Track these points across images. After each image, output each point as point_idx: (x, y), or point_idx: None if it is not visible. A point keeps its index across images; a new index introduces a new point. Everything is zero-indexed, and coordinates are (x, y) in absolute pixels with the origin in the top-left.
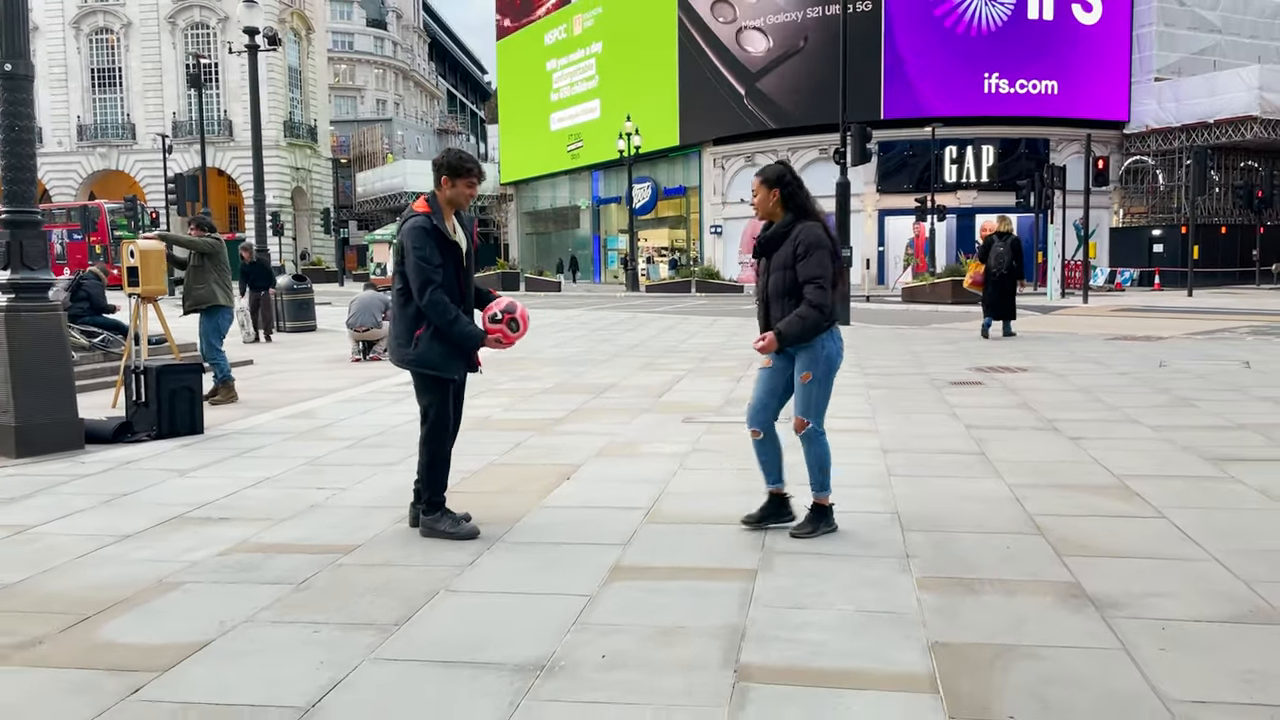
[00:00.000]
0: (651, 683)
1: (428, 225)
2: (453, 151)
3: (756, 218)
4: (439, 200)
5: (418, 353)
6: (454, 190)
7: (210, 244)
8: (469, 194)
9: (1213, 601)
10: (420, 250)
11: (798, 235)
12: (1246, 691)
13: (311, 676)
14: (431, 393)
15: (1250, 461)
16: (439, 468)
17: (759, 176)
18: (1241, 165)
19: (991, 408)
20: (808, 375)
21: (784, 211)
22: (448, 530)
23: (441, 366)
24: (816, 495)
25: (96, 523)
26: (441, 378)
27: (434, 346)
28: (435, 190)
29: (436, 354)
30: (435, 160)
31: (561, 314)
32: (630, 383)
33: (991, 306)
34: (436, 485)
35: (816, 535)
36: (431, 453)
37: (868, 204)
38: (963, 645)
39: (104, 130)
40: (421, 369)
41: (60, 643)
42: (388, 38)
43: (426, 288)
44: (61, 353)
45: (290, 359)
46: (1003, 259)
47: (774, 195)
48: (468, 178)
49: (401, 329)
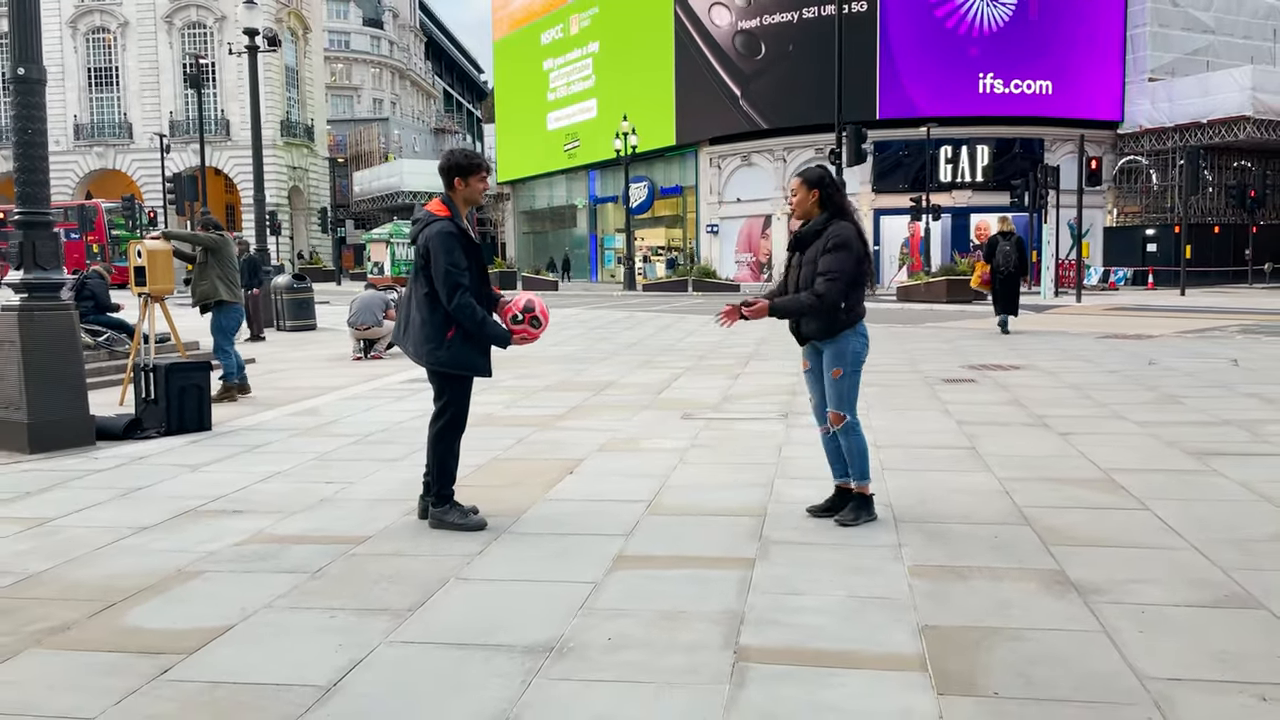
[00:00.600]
0: (655, 663)
1: (454, 229)
2: (457, 152)
3: (794, 216)
4: (455, 201)
5: (450, 354)
6: (468, 189)
7: (213, 240)
8: (482, 188)
9: (1191, 587)
10: (450, 255)
11: (830, 233)
12: (1220, 670)
13: (331, 658)
14: (456, 390)
15: (1232, 456)
16: (451, 462)
17: (800, 177)
18: (1234, 165)
19: (983, 404)
20: (838, 371)
21: (820, 210)
22: (456, 521)
23: (475, 367)
24: (858, 484)
25: (114, 516)
26: (466, 376)
27: (466, 347)
28: (449, 192)
29: (469, 354)
30: (442, 165)
31: (560, 313)
32: (629, 380)
33: (999, 302)
34: (447, 479)
35: (860, 523)
36: (446, 447)
37: (863, 203)
38: (951, 628)
39: (101, 130)
40: (456, 370)
41: (89, 628)
42: (384, 37)
43: (455, 291)
44: (73, 351)
45: (292, 357)
46: (1009, 258)
47: (813, 195)
48: (479, 174)
49: (432, 330)
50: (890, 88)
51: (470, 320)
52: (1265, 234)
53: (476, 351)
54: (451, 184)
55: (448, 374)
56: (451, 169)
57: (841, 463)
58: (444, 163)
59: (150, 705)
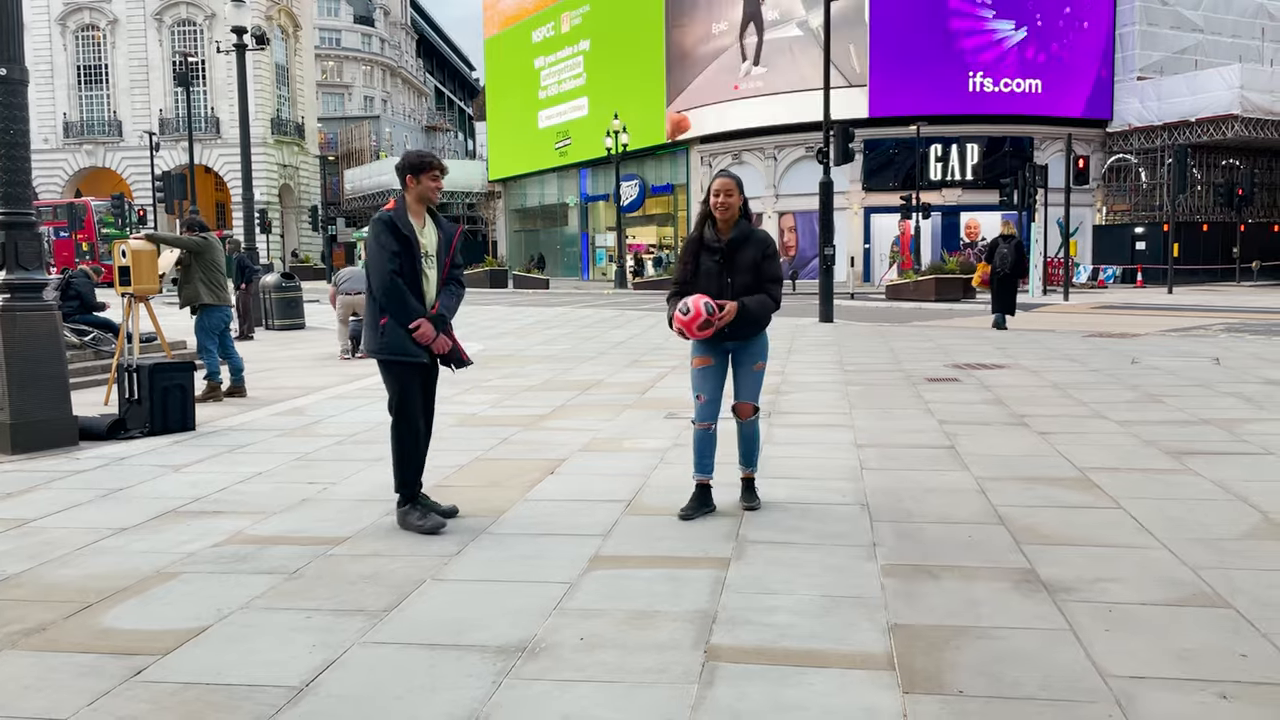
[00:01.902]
0: (627, 662)
1: (385, 217)
2: (411, 152)
3: (722, 218)
4: (407, 198)
5: (386, 340)
6: (420, 187)
7: (197, 243)
8: (435, 187)
9: (1159, 586)
10: (377, 240)
11: (761, 240)
12: (1182, 668)
13: (305, 658)
14: (397, 380)
15: (1209, 455)
16: (410, 459)
17: (732, 179)
18: (1223, 163)
19: (965, 404)
20: (760, 365)
21: (739, 215)
22: (415, 523)
23: (409, 351)
24: (750, 470)
25: (94, 516)
26: (407, 364)
27: (400, 332)
28: (403, 190)
29: (404, 339)
30: (397, 164)
31: (550, 311)
32: (615, 379)
33: (996, 301)
34: (407, 478)
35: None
36: (400, 443)
37: (853, 202)
38: (920, 627)
39: (90, 128)
40: (393, 355)
41: (65, 629)
42: (375, 34)
43: (379, 271)
44: (56, 351)
45: (279, 356)
46: (1006, 259)
47: (739, 200)
48: (429, 171)
49: (370, 319)
50: (881, 86)
51: (392, 298)
52: (1253, 232)
53: (409, 336)
54: (404, 182)
55: (387, 361)
56: (403, 168)
57: (712, 458)
58: (399, 163)
59: (123, 706)
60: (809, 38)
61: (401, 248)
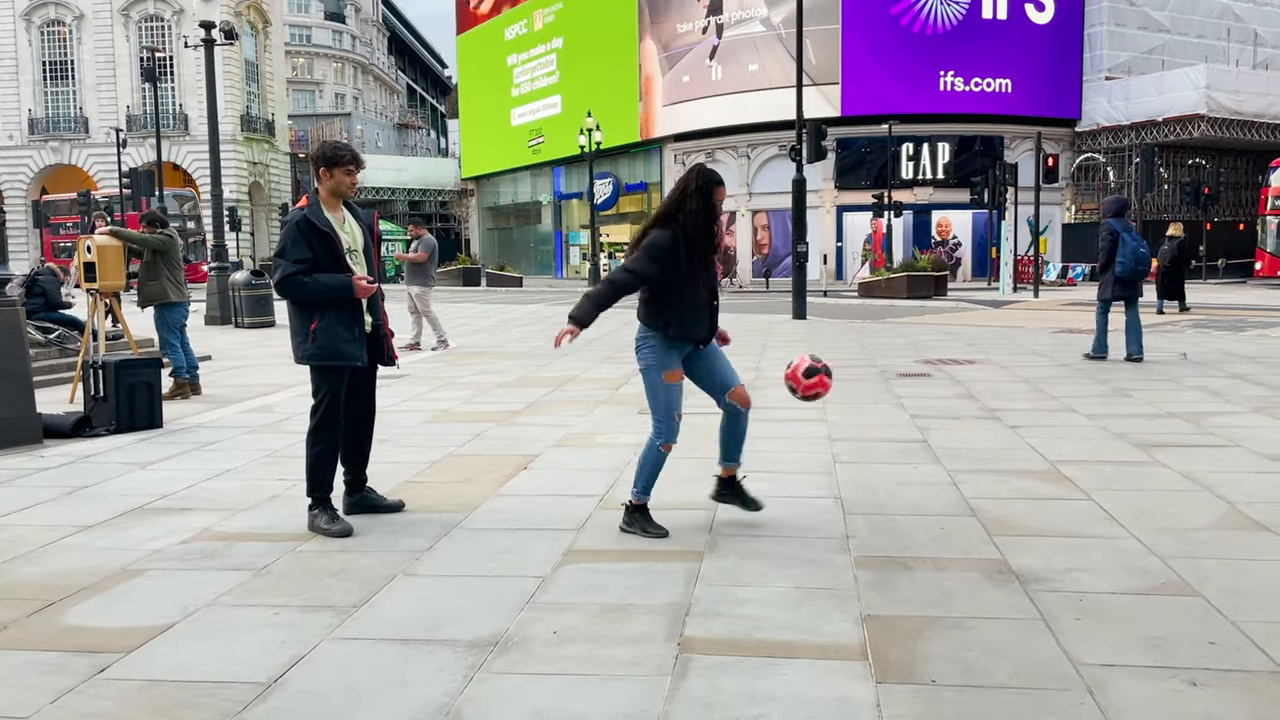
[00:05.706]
0: (599, 655)
1: (299, 219)
2: (326, 144)
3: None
4: (320, 194)
5: (317, 346)
6: (333, 181)
7: (161, 241)
8: (349, 182)
9: (1129, 576)
10: (281, 244)
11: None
12: (1152, 655)
13: (274, 654)
14: (330, 386)
15: (1176, 447)
16: (326, 461)
17: (721, 185)
18: (1189, 163)
19: (937, 398)
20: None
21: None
22: (323, 527)
23: (346, 354)
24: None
25: (59, 514)
26: (342, 368)
27: (331, 336)
28: (315, 184)
29: (336, 343)
30: (310, 155)
31: (524, 309)
32: (589, 376)
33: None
34: (320, 480)
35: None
36: (320, 445)
37: (826, 200)
38: (893, 617)
39: (56, 124)
40: (326, 361)
41: (27, 627)
42: (346, 31)
43: (278, 274)
44: (19, 347)
45: (249, 354)
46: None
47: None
48: (343, 166)
49: (298, 326)
50: (853, 85)
51: (300, 294)
52: (1219, 231)
53: (344, 339)
54: (317, 175)
55: (319, 367)
56: (316, 159)
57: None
58: (312, 154)
59: (87, 704)
60: (774, 35)
61: (320, 247)
